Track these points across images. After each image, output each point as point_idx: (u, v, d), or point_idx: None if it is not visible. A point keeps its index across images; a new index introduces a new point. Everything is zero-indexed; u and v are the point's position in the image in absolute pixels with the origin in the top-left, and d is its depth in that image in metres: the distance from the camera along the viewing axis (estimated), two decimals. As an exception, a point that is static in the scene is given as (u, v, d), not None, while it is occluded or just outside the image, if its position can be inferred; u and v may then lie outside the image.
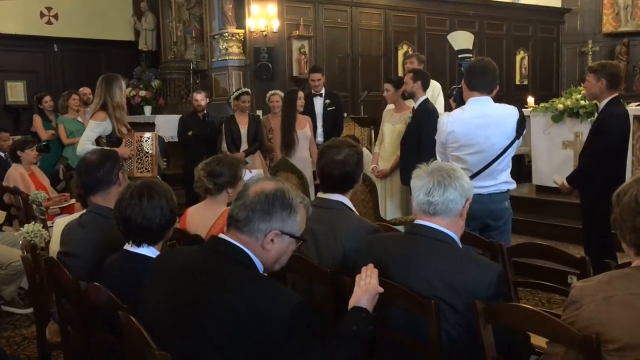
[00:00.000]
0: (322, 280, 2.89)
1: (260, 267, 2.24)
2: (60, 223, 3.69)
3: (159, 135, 5.39)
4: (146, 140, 5.19)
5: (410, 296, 2.42)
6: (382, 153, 6.62)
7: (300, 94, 7.45)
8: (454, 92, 6.45)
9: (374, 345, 2.69)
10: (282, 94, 7.83)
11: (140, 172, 5.15)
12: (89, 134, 5.10)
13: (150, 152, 5.20)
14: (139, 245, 2.71)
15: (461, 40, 10.03)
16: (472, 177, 3.90)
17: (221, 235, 2.26)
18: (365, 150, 5.44)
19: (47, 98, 8.73)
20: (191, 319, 2.08)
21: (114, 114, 5.09)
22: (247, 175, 3.66)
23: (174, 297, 2.16)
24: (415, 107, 6.06)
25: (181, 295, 2.14)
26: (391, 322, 2.56)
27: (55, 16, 12.13)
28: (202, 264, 2.20)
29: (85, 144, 4.98)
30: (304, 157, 7.18)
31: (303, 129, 7.28)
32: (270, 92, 8.08)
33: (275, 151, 7.58)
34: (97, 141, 5.06)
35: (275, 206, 2.20)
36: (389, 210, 6.43)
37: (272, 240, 2.22)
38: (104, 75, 5.28)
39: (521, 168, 9.26)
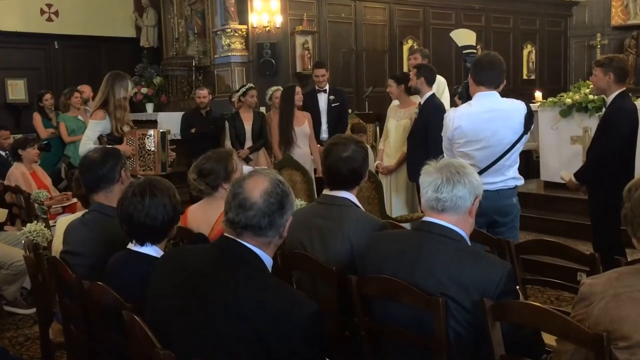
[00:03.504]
0: (327, 279, 2.87)
1: (270, 265, 2.24)
2: (63, 222, 3.67)
3: (161, 131, 5.31)
4: (148, 138, 5.15)
5: (417, 293, 2.41)
6: (387, 149, 6.58)
7: (298, 89, 7.27)
8: (459, 90, 6.40)
9: (379, 342, 2.67)
10: (283, 89, 7.68)
11: (143, 170, 5.12)
12: (89, 133, 5.08)
13: (152, 149, 5.16)
14: (142, 244, 2.68)
15: (464, 37, 9.97)
16: (480, 173, 3.84)
17: (230, 236, 2.22)
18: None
19: (48, 96, 8.59)
20: (204, 320, 2.07)
21: (114, 113, 5.06)
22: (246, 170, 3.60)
23: (186, 297, 2.14)
24: (422, 103, 6.01)
25: (194, 296, 2.12)
26: (397, 319, 2.54)
27: (56, 13, 12.10)
28: (216, 267, 2.18)
29: (88, 144, 4.96)
30: (303, 154, 7.03)
31: (301, 126, 7.12)
32: (272, 88, 7.91)
33: (273, 149, 7.45)
34: (99, 140, 5.03)
35: (283, 197, 2.22)
36: (395, 207, 6.39)
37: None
38: (112, 72, 5.24)
39: (529, 164, 9.21)
